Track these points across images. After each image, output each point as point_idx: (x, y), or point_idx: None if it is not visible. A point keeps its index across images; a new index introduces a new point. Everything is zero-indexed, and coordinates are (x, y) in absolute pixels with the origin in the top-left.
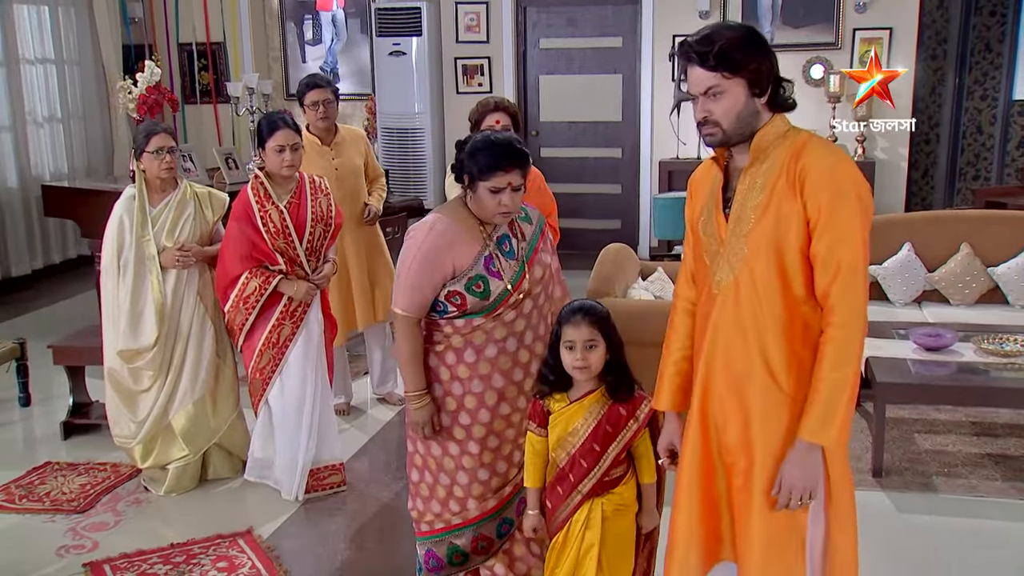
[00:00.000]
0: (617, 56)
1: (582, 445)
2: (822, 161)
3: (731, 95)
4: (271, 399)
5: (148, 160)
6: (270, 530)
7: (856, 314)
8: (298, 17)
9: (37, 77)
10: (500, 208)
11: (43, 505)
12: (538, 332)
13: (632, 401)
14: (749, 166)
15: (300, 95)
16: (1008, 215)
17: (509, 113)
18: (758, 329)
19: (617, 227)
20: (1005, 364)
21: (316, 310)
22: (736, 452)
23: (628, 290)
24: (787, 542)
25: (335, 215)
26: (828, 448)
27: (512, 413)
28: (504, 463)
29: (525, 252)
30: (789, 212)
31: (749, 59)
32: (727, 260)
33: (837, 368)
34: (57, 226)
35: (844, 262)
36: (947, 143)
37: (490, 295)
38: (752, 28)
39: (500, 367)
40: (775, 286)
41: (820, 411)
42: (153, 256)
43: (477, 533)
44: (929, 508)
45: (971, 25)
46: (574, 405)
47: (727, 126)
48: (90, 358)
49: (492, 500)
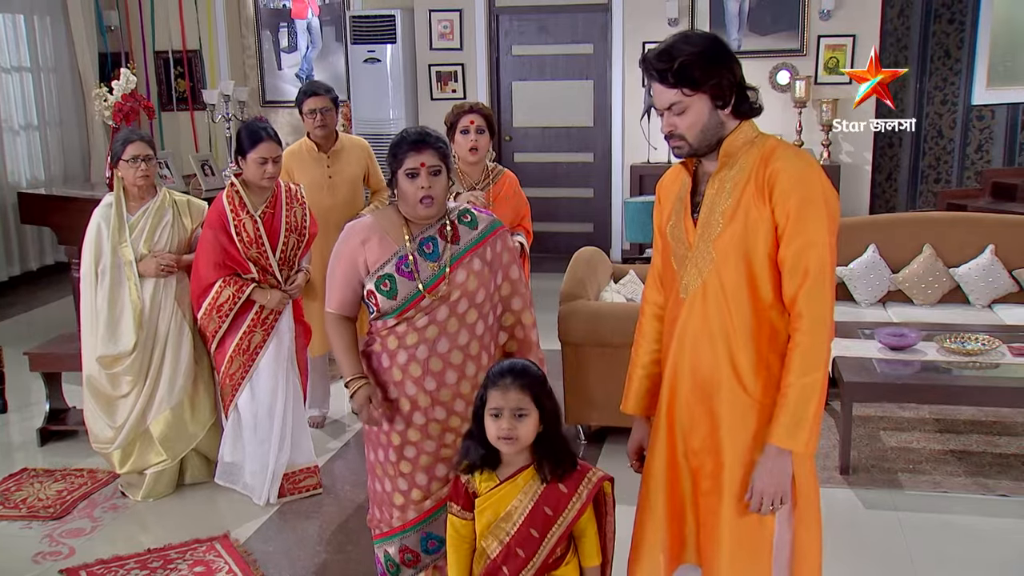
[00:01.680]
0: (588, 63)
1: (517, 532)
2: (791, 167)
3: (694, 110)
4: (241, 404)
5: (124, 168)
6: (247, 534)
7: (822, 320)
8: (274, 25)
9: (13, 85)
10: (420, 192)
11: (19, 512)
12: (457, 341)
13: (573, 475)
14: (718, 171)
15: (299, 102)
16: (969, 217)
17: (483, 115)
18: (726, 334)
19: (590, 230)
20: (967, 363)
21: (288, 318)
22: (703, 456)
23: (600, 292)
24: (755, 545)
25: (309, 224)
26: (797, 453)
27: (427, 423)
28: (423, 475)
29: (453, 255)
30: (757, 218)
31: (709, 75)
32: (695, 265)
33: (805, 374)
34: (34, 233)
35: (812, 268)
36: (909, 147)
37: (397, 295)
38: (713, 38)
39: (411, 374)
40: (743, 291)
41: (789, 417)
42: (131, 262)
43: (402, 545)
44: (895, 504)
45: (931, 32)
46: (506, 485)
47: (692, 140)
48: (66, 364)
49: (412, 512)
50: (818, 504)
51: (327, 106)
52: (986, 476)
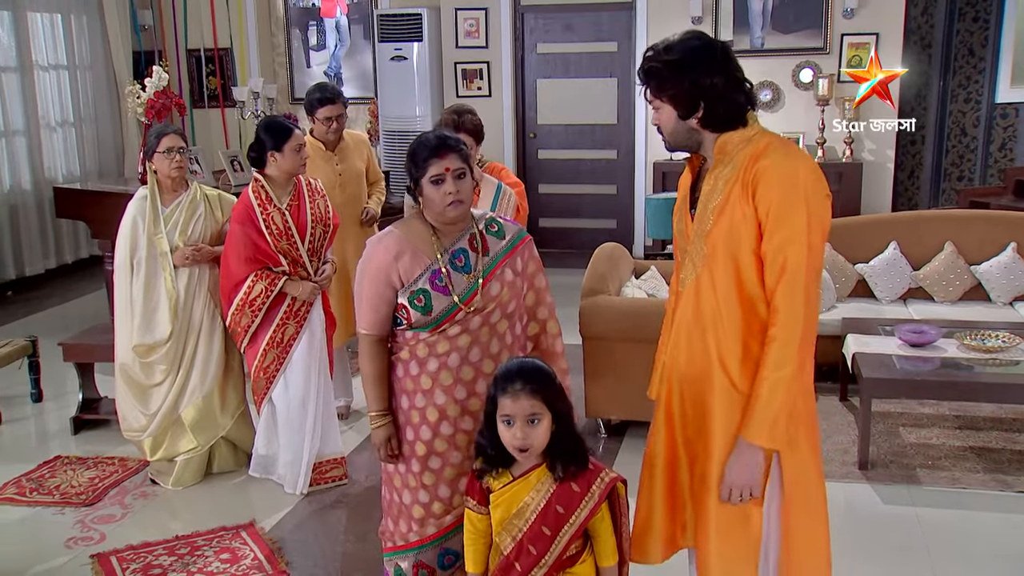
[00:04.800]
0: (612, 60)
1: (530, 529)
2: (777, 164)
3: (664, 111)
4: (275, 397)
5: (159, 160)
6: (272, 522)
7: (796, 316)
8: (303, 24)
9: (50, 83)
10: (447, 198)
11: (53, 498)
12: (488, 350)
13: (586, 475)
14: (713, 168)
15: (311, 108)
16: (990, 215)
17: (466, 131)
18: (716, 328)
19: (613, 227)
20: (987, 360)
21: (318, 309)
22: (696, 445)
23: (622, 288)
24: (740, 535)
25: (332, 216)
26: (776, 447)
27: (455, 434)
28: (446, 488)
29: (485, 267)
30: (742, 215)
31: (669, 84)
32: (691, 259)
33: (776, 368)
34: (70, 227)
35: (789, 263)
36: (932, 145)
37: (432, 310)
38: (698, 48)
39: (441, 383)
40: (731, 286)
41: (758, 412)
42: (166, 252)
43: (417, 560)
44: (913, 500)
45: (955, 30)
46: (519, 482)
47: (667, 137)
48: (99, 355)
49: (431, 527)
50: (821, 496)
51: (341, 112)
52: (1005, 473)
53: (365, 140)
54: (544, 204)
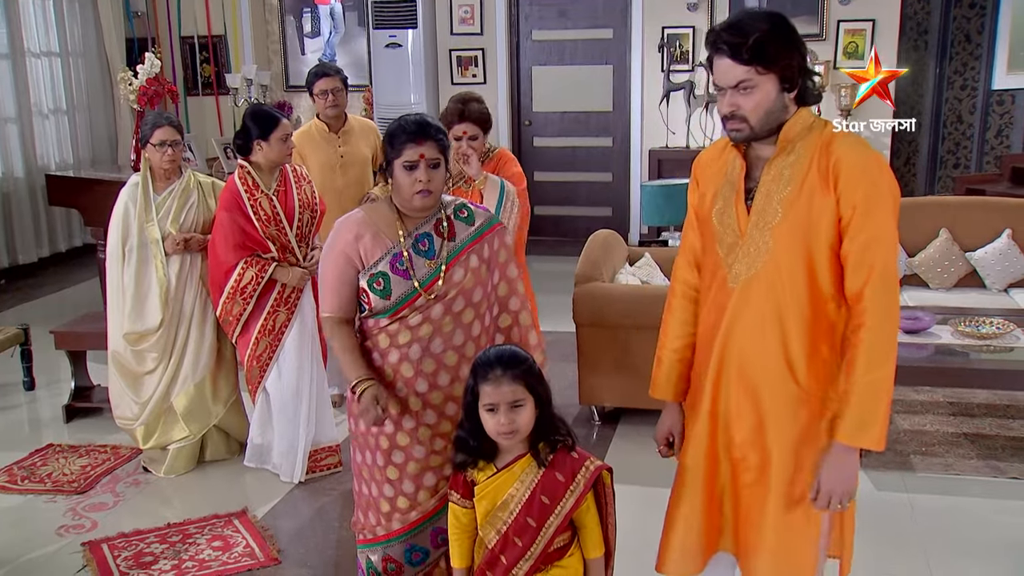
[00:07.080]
0: (608, 47)
1: (515, 521)
2: (855, 156)
3: (762, 90)
4: (269, 386)
5: (151, 151)
6: (265, 510)
7: (889, 316)
8: (297, 10)
9: (42, 69)
10: (416, 185)
11: (45, 486)
12: (452, 341)
13: (570, 464)
14: (775, 157)
15: (309, 84)
16: (985, 201)
17: (477, 121)
18: (780, 324)
19: (608, 214)
20: (981, 346)
21: (308, 295)
22: (746, 448)
23: (615, 275)
24: (802, 540)
25: (320, 203)
26: (881, 448)
27: (417, 428)
28: (411, 483)
29: (449, 252)
30: (822, 206)
31: (783, 54)
32: (747, 253)
33: (872, 370)
34: (63, 215)
35: (878, 264)
36: (928, 132)
37: (391, 294)
38: (783, 17)
39: (402, 375)
40: (801, 281)
41: (857, 414)
42: (157, 240)
43: (385, 553)
44: (907, 486)
45: (951, 17)
46: (503, 473)
47: (755, 122)
48: (91, 343)
49: (397, 522)
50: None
51: (338, 86)
52: (999, 459)
53: (374, 127)
54: (539, 192)
